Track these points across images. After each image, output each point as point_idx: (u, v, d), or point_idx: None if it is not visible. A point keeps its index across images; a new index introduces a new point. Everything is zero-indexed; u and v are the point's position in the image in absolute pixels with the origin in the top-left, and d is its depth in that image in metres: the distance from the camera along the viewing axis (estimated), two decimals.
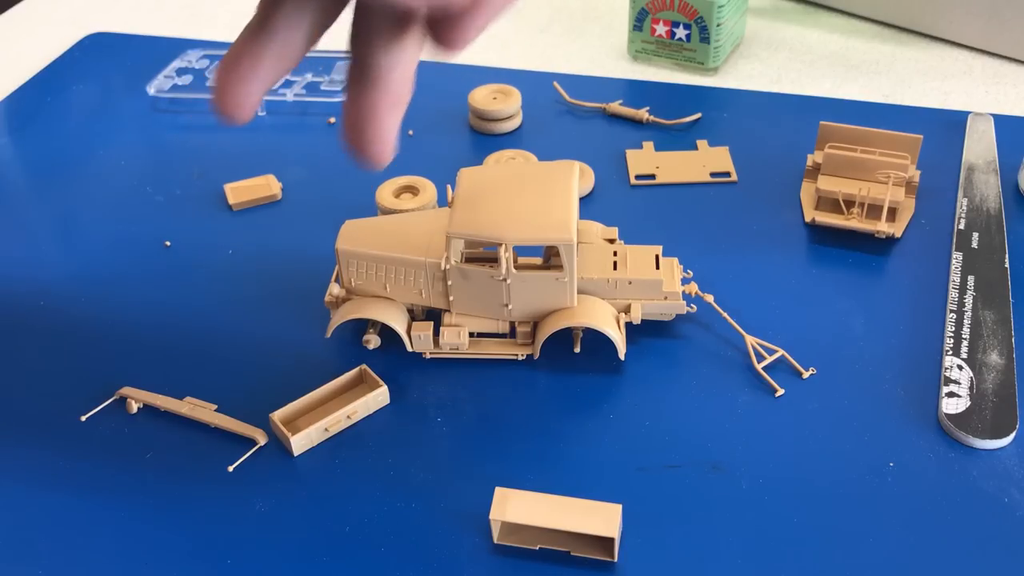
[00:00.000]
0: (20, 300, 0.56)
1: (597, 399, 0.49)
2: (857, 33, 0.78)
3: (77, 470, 0.46)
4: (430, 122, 0.69)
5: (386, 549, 0.42)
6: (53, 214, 0.62)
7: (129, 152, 0.68)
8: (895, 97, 0.71)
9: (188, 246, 0.59)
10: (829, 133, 0.60)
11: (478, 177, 0.49)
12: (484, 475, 0.45)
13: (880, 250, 0.56)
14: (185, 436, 0.48)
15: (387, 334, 0.51)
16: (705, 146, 0.65)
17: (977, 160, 0.62)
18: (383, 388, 0.48)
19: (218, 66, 0.31)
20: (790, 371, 0.50)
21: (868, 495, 0.44)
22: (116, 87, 0.75)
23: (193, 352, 0.52)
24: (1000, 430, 0.45)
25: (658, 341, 0.51)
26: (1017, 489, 0.44)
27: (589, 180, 0.62)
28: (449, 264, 0.47)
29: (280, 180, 0.64)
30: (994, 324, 0.51)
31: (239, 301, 0.55)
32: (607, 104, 0.69)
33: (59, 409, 0.49)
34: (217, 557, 0.42)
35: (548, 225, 0.46)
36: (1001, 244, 0.56)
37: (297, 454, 0.46)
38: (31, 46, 0.82)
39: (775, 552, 0.42)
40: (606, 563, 0.41)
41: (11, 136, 0.70)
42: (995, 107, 0.69)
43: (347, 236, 0.50)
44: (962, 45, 0.76)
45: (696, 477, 0.45)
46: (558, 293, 0.48)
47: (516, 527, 0.42)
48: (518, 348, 0.50)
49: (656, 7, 0.72)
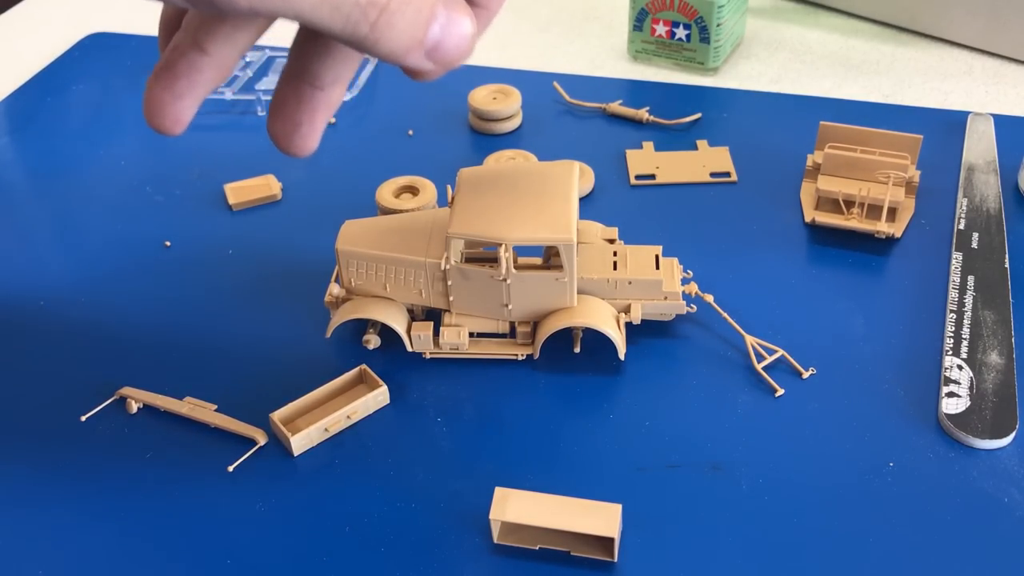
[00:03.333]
0: (20, 300, 0.56)
1: (597, 399, 0.49)
2: (857, 33, 0.78)
3: (77, 470, 0.46)
4: (430, 122, 0.69)
5: (386, 549, 0.42)
6: (53, 214, 0.62)
7: (129, 152, 0.68)
8: (895, 97, 0.71)
9: (188, 246, 0.59)
10: (829, 133, 0.60)
11: (478, 177, 0.49)
12: (484, 475, 0.45)
13: (880, 250, 0.56)
14: (185, 436, 0.48)
15: (387, 334, 0.51)
16: (705, 146, 0.65)
17: (977, 160, 0.62)
18: (383, 388, 0.48)
19: (151, 81, 0.32)
20: (790, 371, 0.50)
21: (868, 495, 0.44)
22: (116, 87, 0.75)
23: (193, 352, 0.52)
24: (1000, 430, 0.45)
25: (658, 341, 0.51)
26: (1017, 489, 0.44)
27: (589, 180, 0.62)
28: (449, 264, 0.47)
29: (280, 180, 0.64)
30: (994, 324, 0.51)
31: (239, 301, 0.55)
32: (607, 104, 0.69)
33: (59, 409, 0.49)
34: (217, 557, 0.42)
35: (548, 225, 0.46)
36: (1001, 244, 0.56)
37: (297, 454, 0.46)
38: (31, 46, 0.82)
39: (775, 552, 0.42)
40: (606, 563, 0.41)
41: (11, 136, 0.70)
42: (995, 107, 0.69)
43: (347, 236, 0.50)
44: (962, 45, 0.76)
45: (696, 477, 0.45)
46: (558, 293, 0.48)
47: (516, 527, 0.42)
48: (518, 348, 0.50)
49: (656, 7, 0.72)
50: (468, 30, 0.31)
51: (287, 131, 0.33)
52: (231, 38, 0.31)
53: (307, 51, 0.32)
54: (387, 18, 0.29)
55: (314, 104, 0.33)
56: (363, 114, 0.67)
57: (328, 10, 0.28)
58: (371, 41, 0.29)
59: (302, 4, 0.27)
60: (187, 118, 0.32)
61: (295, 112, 0.33)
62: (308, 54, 0.32)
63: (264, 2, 0.27)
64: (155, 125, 0.32)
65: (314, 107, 0.33)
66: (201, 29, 0.31)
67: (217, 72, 0.32)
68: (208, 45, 0.31)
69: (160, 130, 0.32)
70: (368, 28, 0.29)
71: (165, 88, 0.31)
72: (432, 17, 0.30)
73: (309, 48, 0.32)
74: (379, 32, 0.29)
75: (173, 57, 0.31)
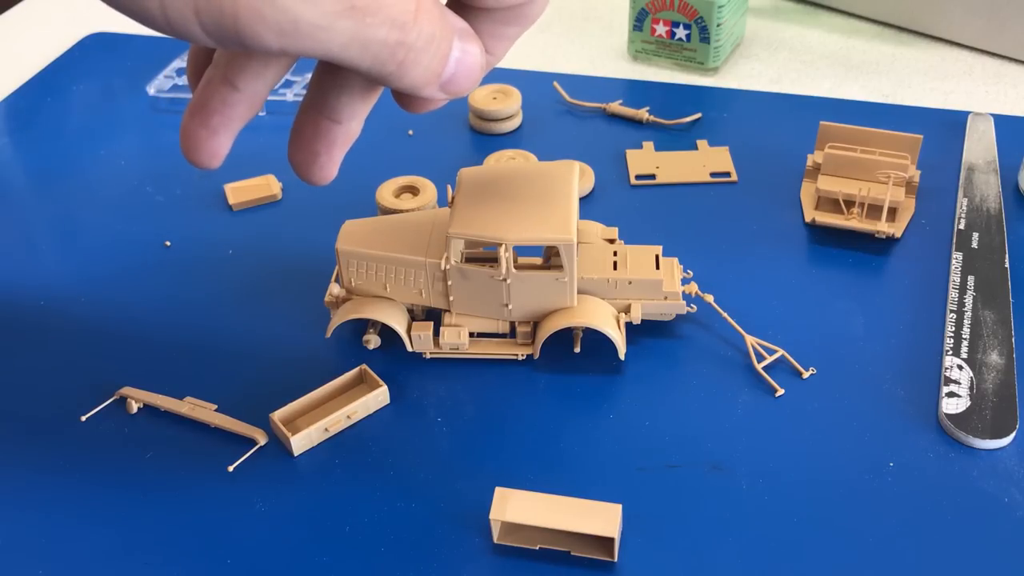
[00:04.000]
0: (20, 300, 0.56)
1: (597, 399, 0.49)
2: (857, 33, 0.78)
3: (77, 470, 0.46)
4: (430, 122, 0.69)
5: (386, 549, 0.42)
6: (53, 214, 0.62)
7: (129, 152, 0.68)
8: (895, 97, 0.71)
9: (188, 246, 0.59)
10: (829, 133, 0.60)
11: (478, 177, 0.49)
12: (484, 475, 0.45)
13: (880, 250, 0.56)
14: (185, 436, 0.48)
15: (387, 334, 0.51)
16: (705, 146, 0.65)
17: (977, 160, 0.62)
18: (383, 388, 0.48)
19: (187, 117, 0.32)
20: (790, 371, 0.50)
21: (868, 495, 0.44)
22: (116, 87, 0.75)
23: (193, 352, 0.52)
24: (1000, 430, 0.45)
25: (658, 341, 0.51)
26: (1017, 489, 0.44)
27: (589, 180, 0.62)
28: (449, 264, 0.47)
29: (280, 180, 0.64)
30: (994, 324, 0.51)
31: (239, 301, 0.55)
32: (607, 104, 0.69)
33: (59, 409, 0.49)
34: (217, 557, 0.42)
35: (548, 225, 0.46)
36: (1001, 244, 0.56)
37: (297, 454, 0.46)
38: (31, 46, 0.82)
39: (775, 552, 0.42)
40: (606, 563, 0.41)
41: (11, 136, 0.70)
42: (995, 107, 0.69)
43: (347, 236, 0.50)
44: (962, 45, 0.76)
45: (696, 477, 0.45)
46: (558, 293, 0.48)
47: (516, 527, 0.42)
48: (518, 348, 0.50)
49: (656, 7, 0.72)
50: (478, 60, 0.32)
51: (307, 161, 0.34)
52: (261, 74, 0.32)
53: (326, 85, 0.33)
54: (413, 56, 0.30)
55: (332, 137, 0.34)
56: None
57: (358, 50, 0.28)
58: (395, 78, 0.30)
59: (332, 44, 0.28)
60: (223, 152, 0.33)
61: (313, 142, 0.34)
62: (327, 88, 0.33)
63: (295, 42, 0.27)
64: (193, 160, 0.33)
65: (332, 140, 0.34)
66: (231, 66, 0.31)
67: (249, 107, 0.32)
68: (239, 81, 0.31)
69: (198, 165, 0.33)
70: (395, 66, 0.30)
71: (200, 125, 0.32)
72: (450, 52, 0.31)
73: (328, 82, 0.33)
74: (404, 69, 0.30)
75: (206, 94, 0.32)
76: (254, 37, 0.27)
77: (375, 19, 0.28)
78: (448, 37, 0.31)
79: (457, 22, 0.32)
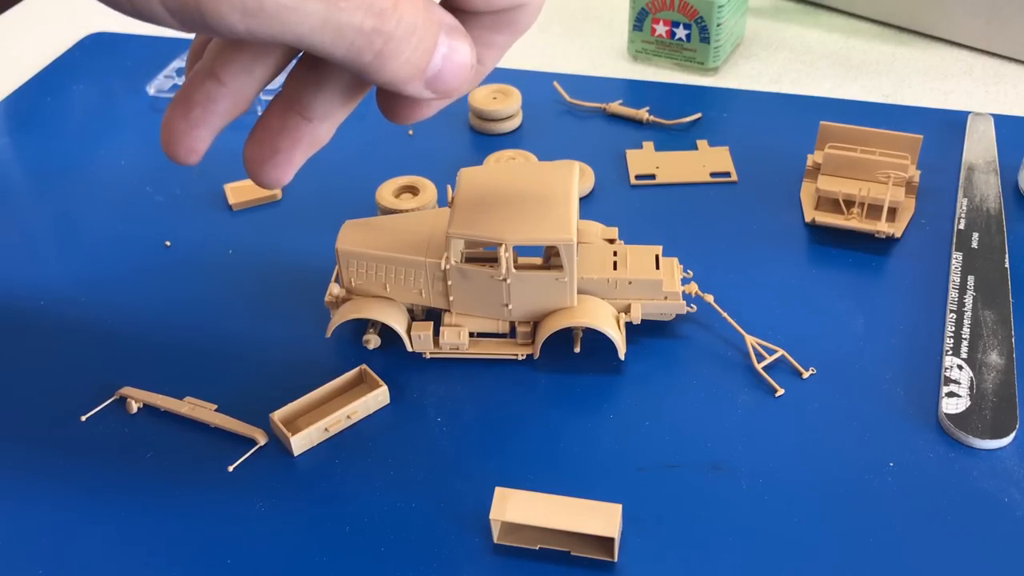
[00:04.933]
0: (20, 300, 0.56)
1: (597, 399, 0.49)
2: (857, 33, 0.78)
3: (77, 470, 0.46)
4: (430, 122, 0.69)
5: (386, 549, 0.42)
6: (53, 214, 0.62)
7: (129, 152, 0.68)
8: (895, 97, 0.71)
9: (188, 246, 0.59)
10: (829, 133, 0.60)
11: (478, 177, 0.49)
12: (484, 475, 0.45)
13: (880, 250, 0.56)
14: (185, 436, 0.48)
15: (387, 334, 0.51)
16: (705, 146, 0.65)
17: (977, 160, 0.62)
18: (383, 388, 0.48)
19: (169, 109, 0.31)
20: (790, 371, 0.50)
21: (868, 495, 0.44)
22: (116, 87, 0.75)
23: (193, 352, 0.52)
24: (1000, 430, 0.45)
25: (658, 341, 0.51)
26: (1017, 489, 0.44)
27: (589, 180, 0.62)
28: (449, 264, 0.47)
29: None
30: (994, 324, 0.51)
31: (239, 301, 0.55)
32: (607, 104, 0.69)
33: (59, 409, 0.49)
34: (217, 557, 0.42)
35: (548, 225, 0.46)
36: (1001, 244, 0.56)
37: (297, 454, 0.46)
38: (31, 46, 0.82)
39: (775, 552, 0.42)
40: (606, 563, 0.41)
41: (11, 136, 0.70)
42: (995, 107, 0.69)
43: (347, 236, 0.50)
44: (962, 45, 0.76)
45: (696, 477, 0.45)
46: (558, 293, 0.48)
47: (516, 527, 0.42)
48: (518, 348, 0.50)
49: (656, 7, 0.72)
50: (468, 59, 0.31)
51: (263, 156, 0.32)
52: (248, 69, 0.30)
53: (303, 79, 0.32)
54: (392, 46, 0.28)
55: (298, 134, 0.32)
56: (363, 114, 0.67)
57: (331, 35, 0.27)
58: (374, 68, 0.29)
59: (302, 27, 0.27)
60: (202, 148, 0.31)
61: (276, 138, 0.32)
62: (305, 82, 0.32)
63: (261, 24, 0.26)
64: (170, 154, 0.31)
65: (297, 137, 0.32)
66: (219, 58, 0.30)
67: (233, 103, 0.31)
68: (224, 75, 0.30)
69: (175, 159, 0.31)
70: (372, 56, 0.28)
71: (180, 116, 0.31)
72: (435, 46, 0.30)
73: (307, 75, 0.32)
74: (383, 60, 0.28)
75: (191, 86, 0.31)
76: (217, 17, 0.26)
77: (349, 3, 0.27)
78: (432, 30, 0.29)
79: (445, 17, 0.30)
